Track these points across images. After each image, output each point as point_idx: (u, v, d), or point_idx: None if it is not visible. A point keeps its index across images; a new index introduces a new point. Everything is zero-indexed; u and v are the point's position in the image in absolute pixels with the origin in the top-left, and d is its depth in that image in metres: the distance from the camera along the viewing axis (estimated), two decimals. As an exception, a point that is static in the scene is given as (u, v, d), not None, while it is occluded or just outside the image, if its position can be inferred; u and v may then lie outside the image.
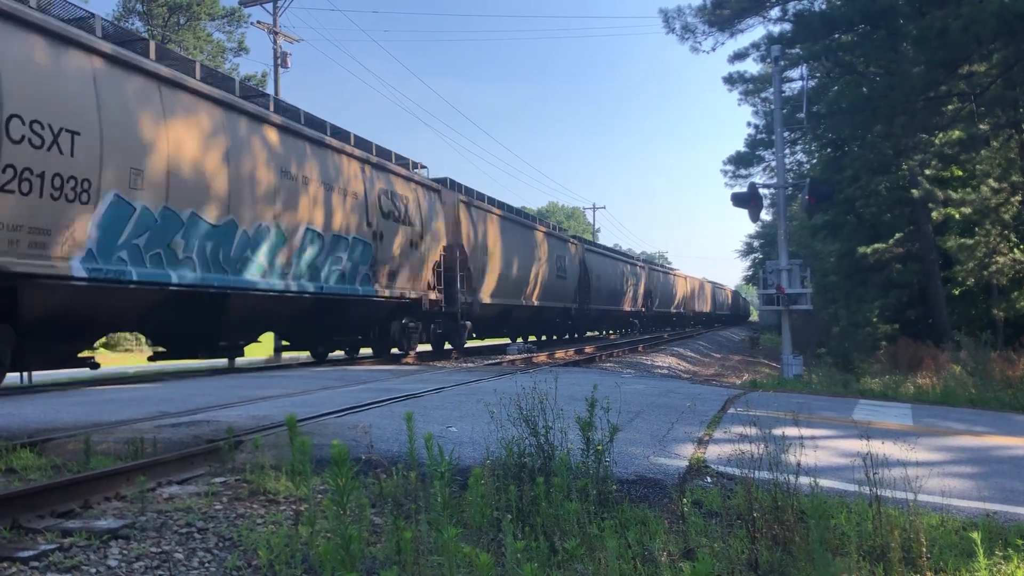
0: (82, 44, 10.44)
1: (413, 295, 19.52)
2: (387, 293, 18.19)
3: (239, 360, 19.26)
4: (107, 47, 10.86)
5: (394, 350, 20.01)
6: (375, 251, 17.70)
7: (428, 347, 22.23)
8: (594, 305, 37.22)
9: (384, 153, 19.65)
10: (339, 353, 21.43)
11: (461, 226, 22.75)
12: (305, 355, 21.46)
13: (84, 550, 3.77)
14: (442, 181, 23.15)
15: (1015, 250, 21.08)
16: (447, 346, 23.14)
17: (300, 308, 15.73)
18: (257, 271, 13.84)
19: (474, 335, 26.11)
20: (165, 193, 11.66)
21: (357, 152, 17.52)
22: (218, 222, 12.79)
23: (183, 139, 12.06)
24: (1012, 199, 20.65)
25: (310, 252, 15.38)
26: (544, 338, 34.64)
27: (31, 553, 3.62)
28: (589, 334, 42.09)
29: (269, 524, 4.34)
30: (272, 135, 14.49)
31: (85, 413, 7.45)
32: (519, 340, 30.64)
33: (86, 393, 9.75)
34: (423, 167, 22.75)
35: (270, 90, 34.34)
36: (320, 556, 3.34)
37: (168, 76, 11.94)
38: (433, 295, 20.55)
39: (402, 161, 20.78)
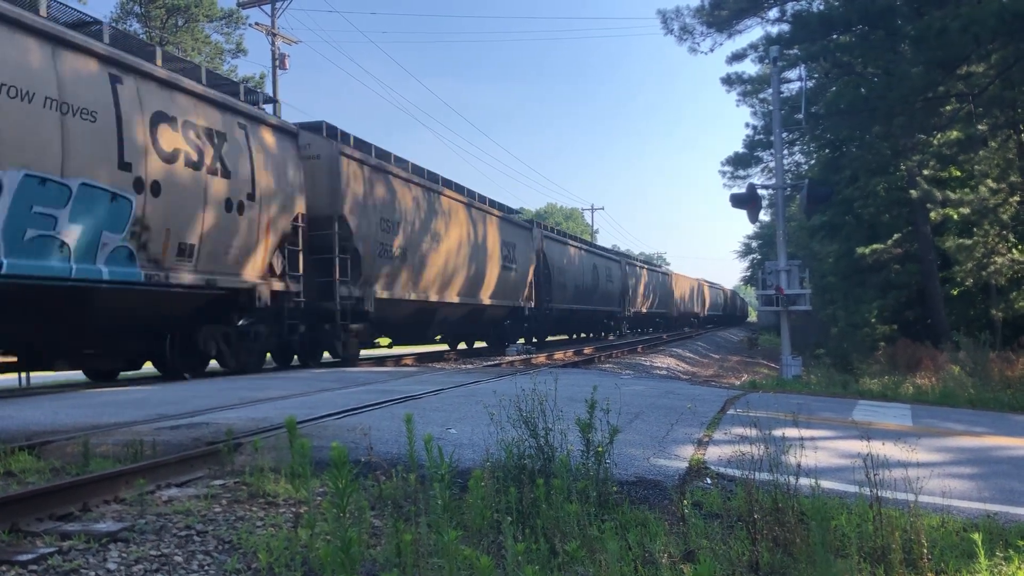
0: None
1: (235, 284, 13.57)
2: (180, 279, 12.20)
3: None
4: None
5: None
6: (140, 210, 11.34)
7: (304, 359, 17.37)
8: (557, 304, 31.60)
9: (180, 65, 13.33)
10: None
11: (344, 188, 16.72)
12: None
13: (83, 553, 3.76)
14: (316, 127, 17.14)
15: (1013, 250, 21.10)
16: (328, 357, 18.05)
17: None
18: None
19: (376, 342, 20.66)
20: None
21: (99, 48, 11.04)
22: None
23: None
24: (1010, 199, 20.66)
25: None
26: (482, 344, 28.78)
27: (30, 556, 3.61)
28: (552, 338, 36.02)
29: (269, 527, 4.33)
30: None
31: (84, 415, 7.43)
32: (520, 341, 28.67)
33: (85, 395, 9.73)
34: (274, 102, 18.82)
35: (268, 91, 34.36)
36: (320, 559, 3.33)
37: None
38: (277, 284, 14.69)
39: (226, 86, 14.44)
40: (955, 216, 23.24)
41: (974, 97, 18.32)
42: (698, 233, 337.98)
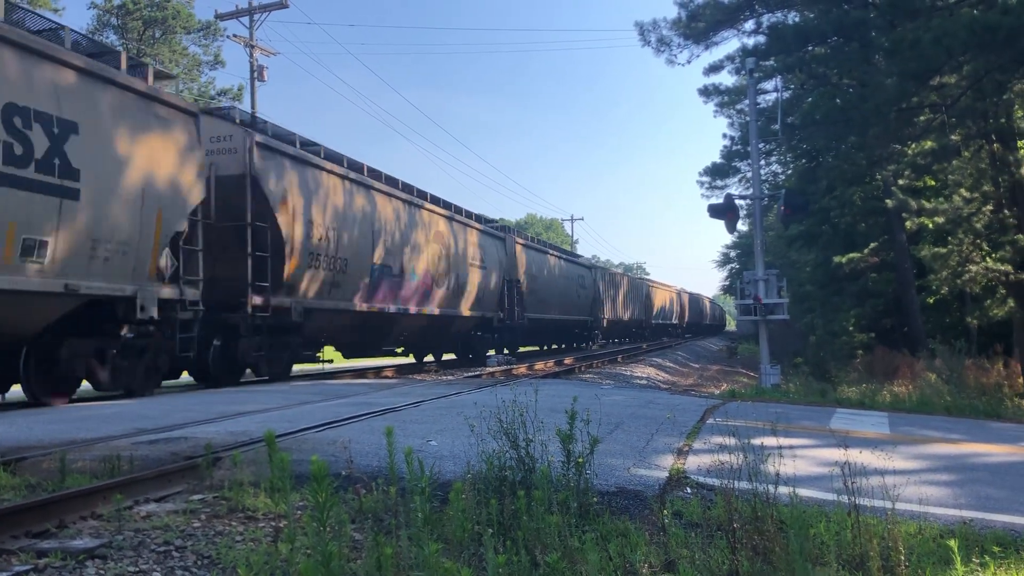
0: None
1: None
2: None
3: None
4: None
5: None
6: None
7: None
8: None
9: None
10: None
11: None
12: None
13: (59, 571, 3.72)
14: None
15: (987, 259, 21.33)
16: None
17: None
18: None
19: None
20: None
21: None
22: None
23: None
24: (984, 208, 20.91)
25: None
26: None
27: (5, 575, 3.57)
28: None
29: (248, 541, 4.31)
30: None
31: (60, 430, 7.36)
32: (490, 353, 27.64)
33: (60, 411, 9.63)
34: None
35: (247, 103, 34.27)
36: (300, 573, 3.31)
37: None
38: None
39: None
40: (930, 225, 23.48)
41: (947, 108, 18.54)
42: (677, 243, 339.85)
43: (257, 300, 14.21)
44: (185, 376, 15.04)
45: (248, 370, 15.29)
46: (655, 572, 3.91)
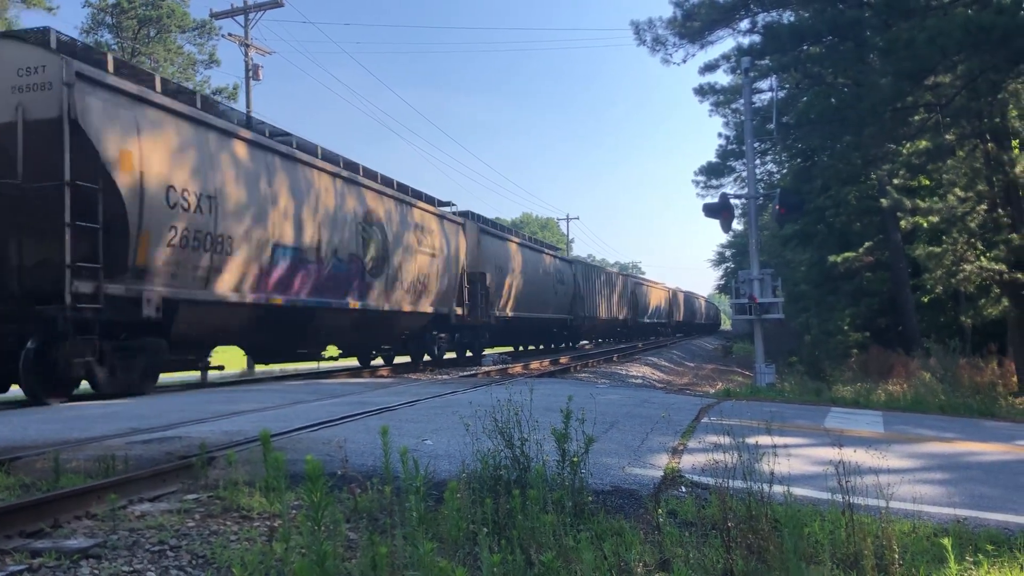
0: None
1: None
2: None
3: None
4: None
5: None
6: None
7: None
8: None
9: None
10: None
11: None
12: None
13: (53, 571, 3.71)
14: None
15: (982, 258, 21.39)
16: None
17: None
18: None
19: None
20: None
21: None
22: None
23: None
24: (978, 208, 20.96)
25: None
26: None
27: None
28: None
29: (243, 541, 4.30)
30: None
31: (54, 430, 7.34)
32: (497, 351, 27.23)
33: (54, 410, 9.60)
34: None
35: (242, 103, 34.23)
36: (295, 573, 3.31)
37: None
38: None
39: None
40: (925, 224, 23.55)
41: (942, 107, 18.58)
42: (673, 243, 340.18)
43: (83, 288, 10.72)
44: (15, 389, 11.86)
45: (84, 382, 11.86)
46: (650, 571, 3.92)
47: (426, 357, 23.10)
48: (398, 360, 23.44)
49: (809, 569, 3.70)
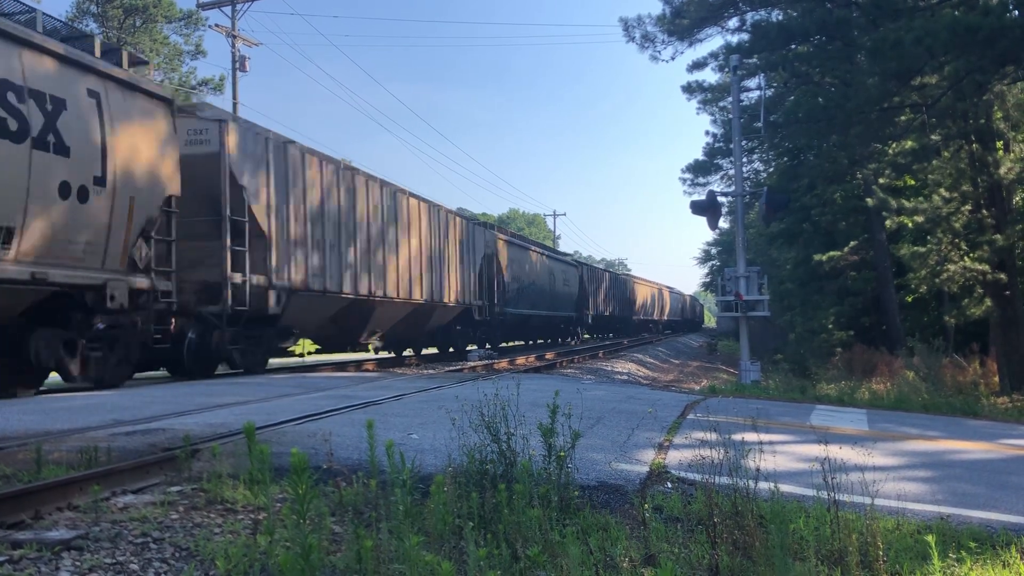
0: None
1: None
2: None
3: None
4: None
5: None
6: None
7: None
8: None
9: None
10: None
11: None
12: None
13: (35, 562, 3.67)
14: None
15: (965, 258, 21.52)
16: None
17: None
18: None
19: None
20: None
21: None
22: None
23: None
24: (962, 208, 21.08)
25: None
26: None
27: (-21, 566, 3.52)
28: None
29: (227, 533, 4.27)
30: None
31: (36, 421, 7.28)
32: (471, 347, 27.58)
33: (36, 401, 9.52)
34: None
35: (228, 94, 34.04)
36: (279, 566, 3.29)
37: None
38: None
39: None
40: (910, 224, 23.68)
41: (928, 108, 18.67)
42: (659, 239, 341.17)
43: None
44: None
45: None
46: (635, 566, 3.91)
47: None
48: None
49: (794, 565, 3.71)
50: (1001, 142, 21.36)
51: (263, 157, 15.10)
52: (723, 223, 42.87)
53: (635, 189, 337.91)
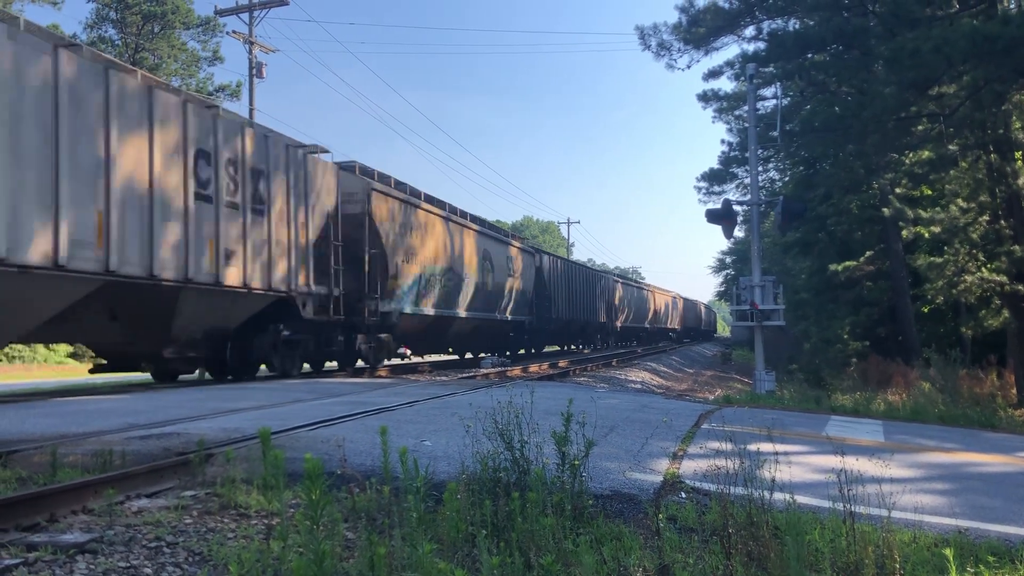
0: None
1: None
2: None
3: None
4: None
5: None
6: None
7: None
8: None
9: None
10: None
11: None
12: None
13: (50, 565, 3.68)
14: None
15: (983, 269, 21.36)
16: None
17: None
18: None
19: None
20: None
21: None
22: None
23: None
24: (980, 219, 20.93)
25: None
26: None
27: (-6, 568, 3.54)
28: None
29: (240, 539, 4.28)
30: None
31: (52, 424, 7.32)
32: (504, 355, 29.82)
33: (52, 404, 9.58)
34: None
35: (245, 100, 34.17)
36: (292, 571, 3.28)
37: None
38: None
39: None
40: (926, 235, 23.52)
41: (945, 117, 18.57)
42: (673, 248, 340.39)
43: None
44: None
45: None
46: (649, 576, 3.89)
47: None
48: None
49: (810, 577, 3.67)
50: (1020, 152, 21.16)
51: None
52: (738, 232, 42.75)
53: (650, 197, 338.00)
